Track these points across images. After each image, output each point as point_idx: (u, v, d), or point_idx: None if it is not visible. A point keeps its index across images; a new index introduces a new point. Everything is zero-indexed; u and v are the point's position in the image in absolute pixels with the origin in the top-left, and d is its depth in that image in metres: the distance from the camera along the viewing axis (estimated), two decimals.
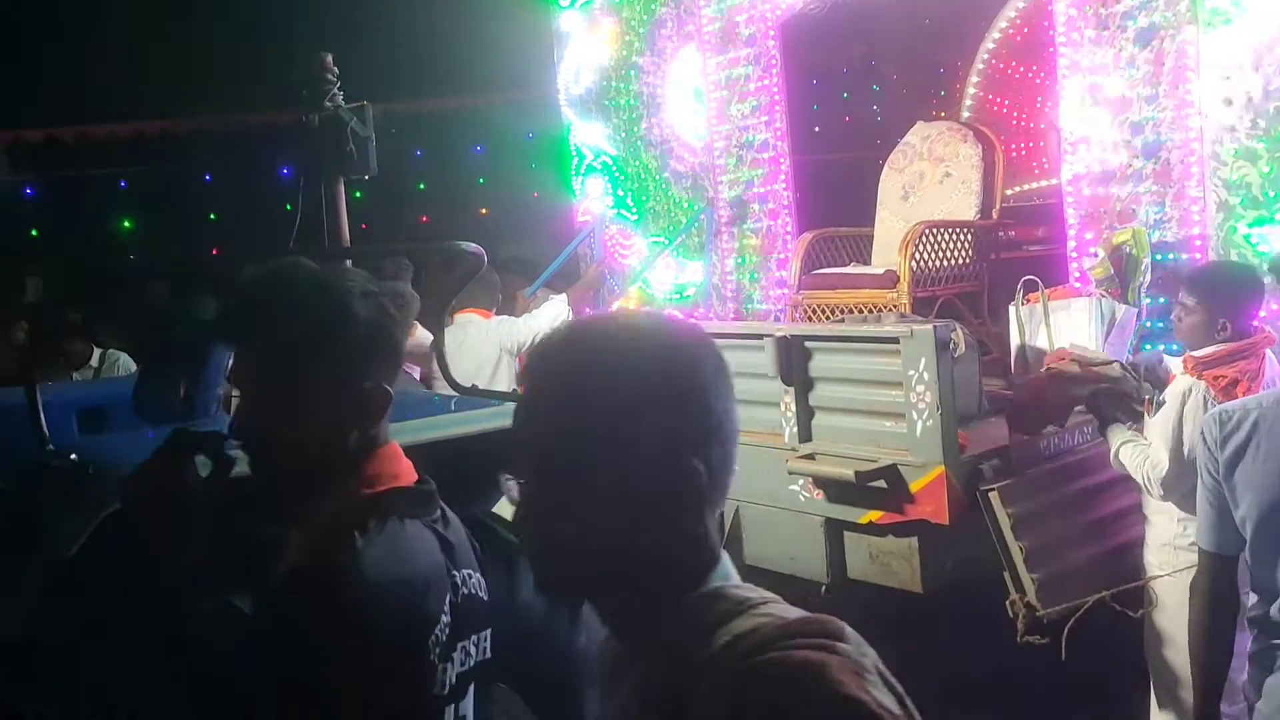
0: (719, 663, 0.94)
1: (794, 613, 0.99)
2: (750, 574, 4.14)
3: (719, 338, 3.81)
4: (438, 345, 2.94)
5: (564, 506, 1.00)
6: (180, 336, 2.77)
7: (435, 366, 5.27)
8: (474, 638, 1.41)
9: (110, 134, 10.14)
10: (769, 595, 1.02)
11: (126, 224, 10.97)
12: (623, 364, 1.00)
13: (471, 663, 1.41)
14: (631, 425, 0.98)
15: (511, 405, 2.69)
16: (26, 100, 10.26)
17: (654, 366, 1.00)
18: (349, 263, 3.29)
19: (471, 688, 1.43)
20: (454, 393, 3.26)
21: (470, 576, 1.41)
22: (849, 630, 0.95)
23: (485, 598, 1.45)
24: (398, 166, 12.13)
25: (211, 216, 10.81)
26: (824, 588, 3.89)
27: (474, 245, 2.77)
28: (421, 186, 12.43)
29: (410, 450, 2.36)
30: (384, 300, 1.41)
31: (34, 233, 9.89)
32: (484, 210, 12.33)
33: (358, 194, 11.76)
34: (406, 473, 1.42)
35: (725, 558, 1.05)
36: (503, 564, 2.58)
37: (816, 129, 6.79)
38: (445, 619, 1.32)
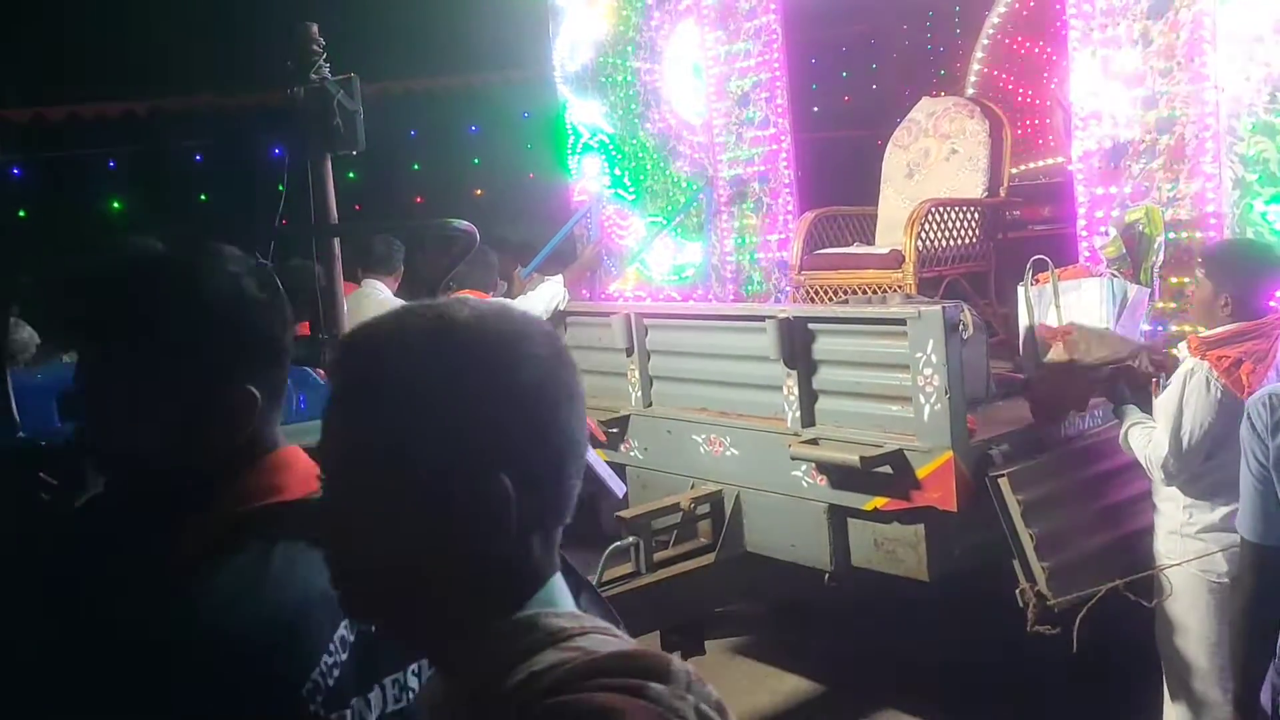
0: (515, 701, 0.84)
1: (613, 646, 0.88)
2: (751, 562, 4.07)
3: (719, 320, 3.72)
4: None
5: (355, 521, 0.89)
6: None
7: None
8: (412, 668, 1.18)
9: (99, 113, 9.97)
10: (594, 624, 0.91)
11: (115, 204, 10.78)
12: (425, 363, 0.88)
13: (408, 698, 1.18)
14: (425, 434, 0.87)
15: None
16: (14, 79, 10.10)
17: (460, 368, 0.88)
18: (337, 241, 3.18)
19: None
20: None
21: None
22: (677, 668, 0.84)
23: None
24: (392, 147, 11.98)
25: (202, 197, 10.65)
26: (827, 576, 3.80)
27: (466, 223, 2.68)
28: (416, 167, 12.27)
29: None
30: (248, 283, 1.20)
31: (21, 213, 9.75)
32: (479, 191, 12.18)
33: (351, 174, 11.62)
34: (298, 483, 1.19)
35: (554, 581, 0.93)
36: None
37: (816, 109, 6.66)
38: (332, 659, 1.08)
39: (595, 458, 2.58)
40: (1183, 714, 3.16)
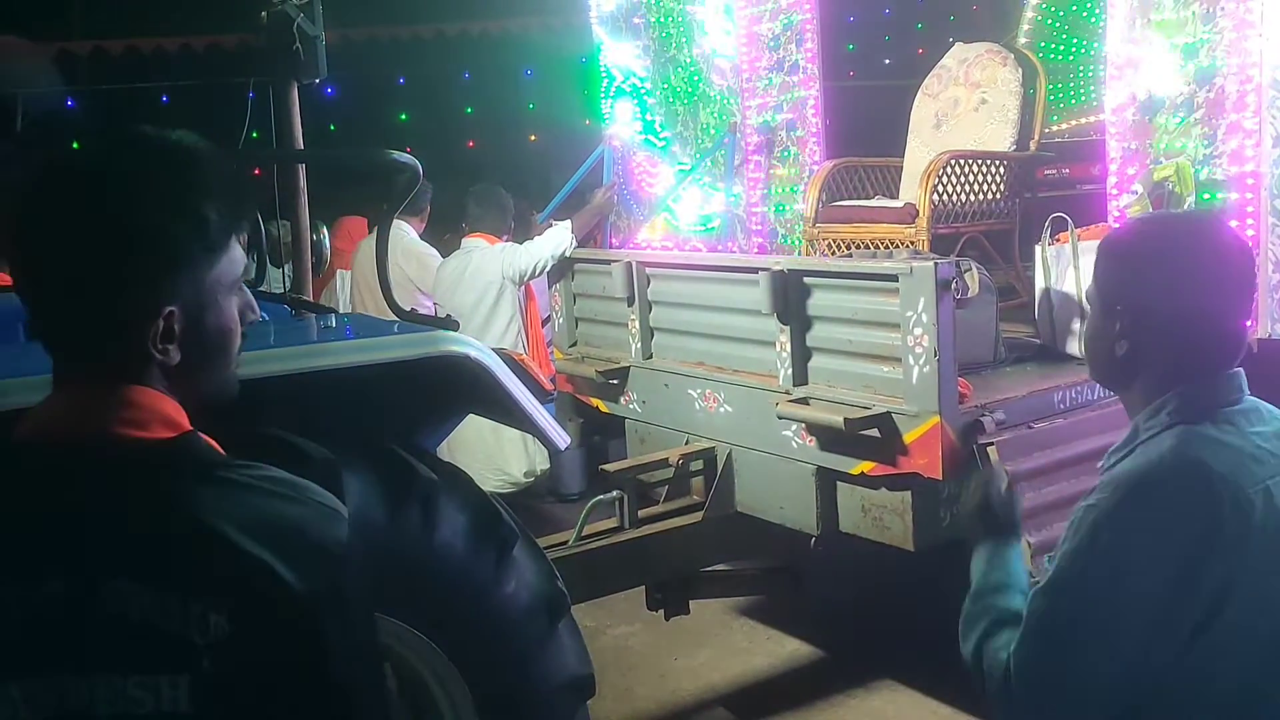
0: None
1: None
2: (741, 523, 3.94)
3: (714, 270, 3.54)
4: (381, 261, 2.74)
5: None
6: None
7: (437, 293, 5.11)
8: (136, 680, 0.99)
9: (157, 47, 10.05)
10: None
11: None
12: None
13: (129, 708, 0.98)
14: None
15: (434, 334, 2.45)
16: (76, 11, 10.23)
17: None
18: (302, 167, 3.10)
19: None
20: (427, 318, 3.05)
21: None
22: None
23: (183, 628, 0.99)
24: (445, 89, 11.87)
25: (254, 135, 10.69)
26: (814, 540, 3.66)
27: (408, 155, 2.56)
28: (469, 111, 12.15)
29: (305, 378, 2.18)
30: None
31: (75, 145, 9.88)
32: (533, 136, 12.02)
33: (404, 116, 11.44)
34: None
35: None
36: (419, 502, 2.40)
37: (851, 57, 6.38)
38: None
39: (534, 404, 2.47)
40: None
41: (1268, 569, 1.47)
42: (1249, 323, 1.63)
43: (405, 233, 5.69)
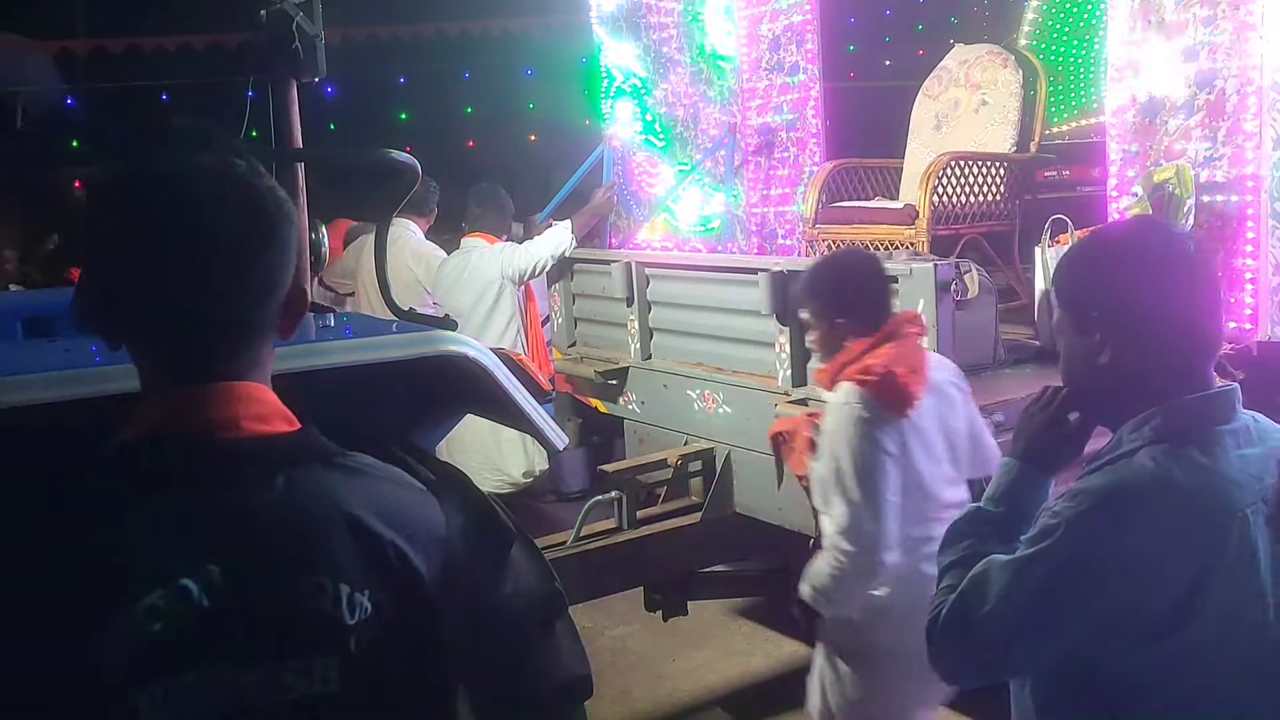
0: None
1: None
2: (739, 524, 3.94)
3: (714, 271, 3.55)
4: (380, 261, 2.74)
5: None
6: None
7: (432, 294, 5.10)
8: (295, 664, 1.01)
9: (158, 46, 10.05)
10: None
11: None
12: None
13: (285, 694, 1.00)
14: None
15: (432, 333, 2.45)
16: (76, 10, 10.23)
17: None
18: (300, 166, 3.09)
19: None
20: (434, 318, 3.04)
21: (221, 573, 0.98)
22: None
23: (334, 611, 1.02)
24: (444, 89, 11.87)
25: (253, 134, 10.68)
26: (811, 541, 3.65)
27: (407, 155, 2.55)
28: (469, 110, 12.14)
29: (303, 377, 2.17)
30: None
31: (74, 143, 9.92)
32: (532, 137, 12.02)
33: (404, 116, 11.39)
34: None
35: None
36: None
37: (851, 58, 6.39)
38: (142, 620, 0.95)
39: (532, 404, 2.47)
40: None
41: (1235, 599, 1.42)
42: (1242, 310, 1.60)
43: (413, 234, 5.64)
